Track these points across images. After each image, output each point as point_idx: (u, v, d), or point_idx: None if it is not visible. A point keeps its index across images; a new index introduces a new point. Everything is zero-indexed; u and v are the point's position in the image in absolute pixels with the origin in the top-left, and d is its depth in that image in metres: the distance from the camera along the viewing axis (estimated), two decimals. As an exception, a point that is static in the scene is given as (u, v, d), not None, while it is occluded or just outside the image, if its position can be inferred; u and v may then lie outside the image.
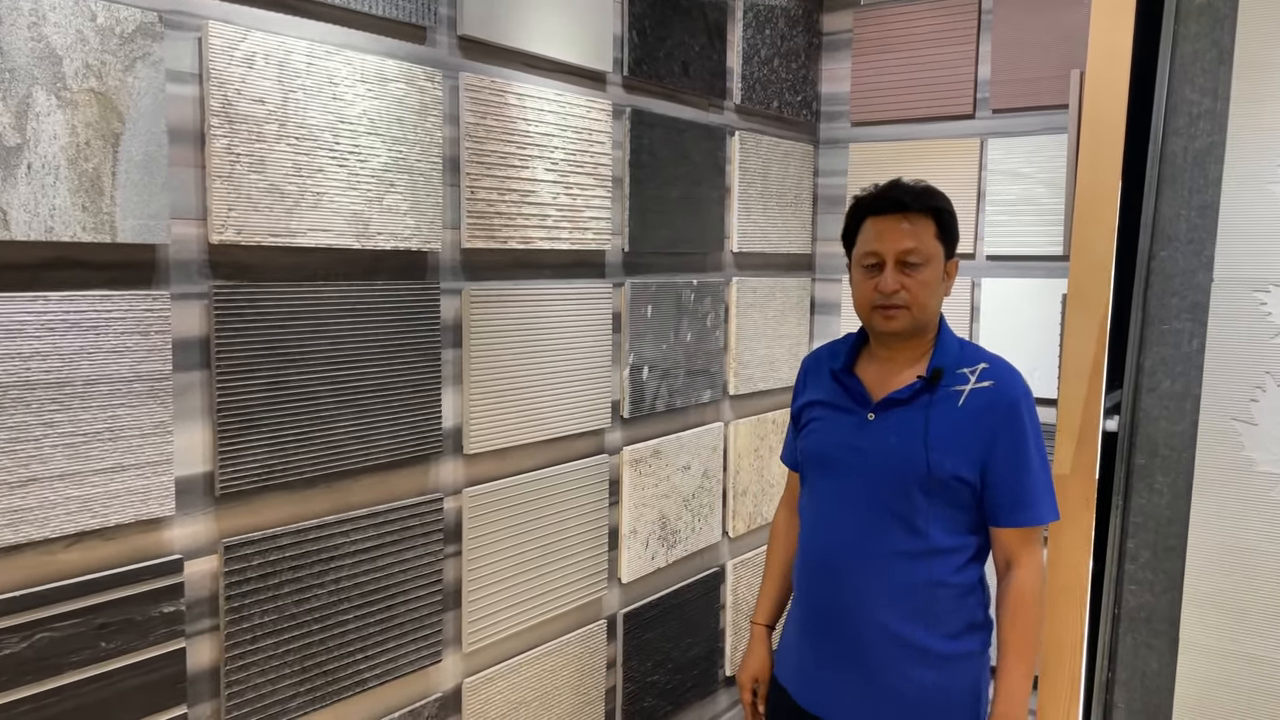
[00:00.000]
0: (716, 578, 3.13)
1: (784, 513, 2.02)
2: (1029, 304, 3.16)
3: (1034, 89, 3.15)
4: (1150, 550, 1.97)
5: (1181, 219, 1.99)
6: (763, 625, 1.99)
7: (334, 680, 1.94)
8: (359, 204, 1.91)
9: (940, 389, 1.74)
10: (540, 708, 2.45)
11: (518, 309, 2.29)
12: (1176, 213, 1.99)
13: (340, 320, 1.90)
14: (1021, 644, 1.71)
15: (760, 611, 2.01)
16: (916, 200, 1.74)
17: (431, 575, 2.12)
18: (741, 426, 3.17)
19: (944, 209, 1.77)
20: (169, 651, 1.66)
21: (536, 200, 2.31)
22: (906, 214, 1.73)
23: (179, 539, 1.69)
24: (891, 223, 1.74)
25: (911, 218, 1.73)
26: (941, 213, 1.76)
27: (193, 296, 1.68)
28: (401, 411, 2.03)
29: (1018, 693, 1.69)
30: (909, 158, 3.37)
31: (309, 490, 1.89)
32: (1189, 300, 1.96)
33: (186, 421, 1.68)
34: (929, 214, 1.74)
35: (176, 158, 1.64)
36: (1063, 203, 3.13)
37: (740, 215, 3.10)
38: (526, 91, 2.26)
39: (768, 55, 3.20)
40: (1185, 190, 1.98)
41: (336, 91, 1.85)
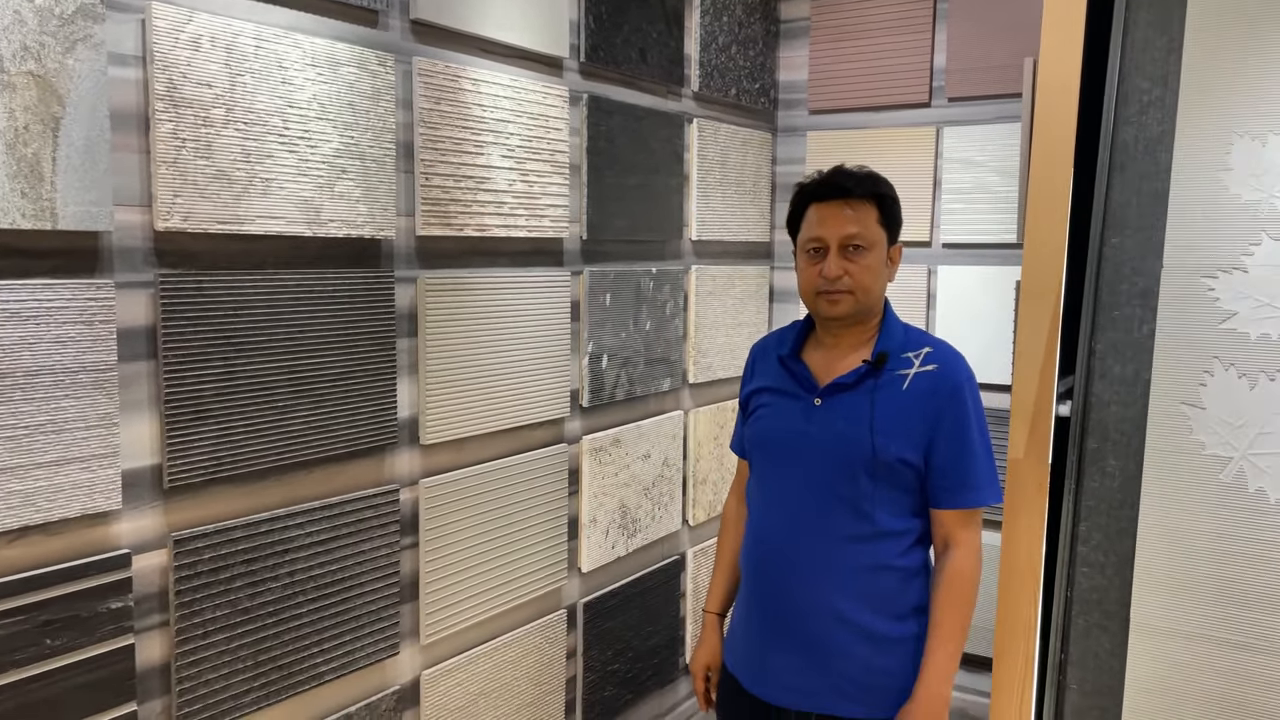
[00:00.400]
0: (677, 566, 3.13)
1: (734, 500, 2.03)
2: (984, 291, 3.20)
3: (989, 77, 3.18)
4: (1102, 533, 1.99)
5: (1132, 206, 2.01)
6: (714, 614, 2.00)
7: (289, 674, 1.91)
8: (310, 190, 1.87)
9: (885, 373, 1.76)
10: (500, 699, 2.44)
11: (474, 297, 2.26)
12: (1127, 200, 2.01)
13: (292, 309, 1.86)
14: (953, 625, 1.74)
15: (712, 599, 2.01)
16: (859, 186, 1.75)
17: (388, 567, 2.10)
18: (701, 415, 3.18)
19: (887, 195, 1.79)
20: (117, 648, 1.63)
21: (492, 187, 2.28)
22: (849, 200, 1.75)
23: (126, 533, 1.65)
24: (835, 209, 1.75)
25: (854, 204, 1.75)
26: (884, 199, 1.78)
27: (138, 285, 1.64)
28: (356, 402, 2.00)
29: (943, 672, 1.72)
30: (866, 146, 3.38)
31: (261, 482, 1.86)
32: (1139, 286, 1.99)
33: (133, 413, 1.65)
34: (871, 200, 1.76)
35: (120, 143, 1.60)
36: (1016, 191, 3.16)
37: (699, 203, 3.09)
38: (481, 77, 2.23)
39: (725, 42, 3.20)
40: (1136, 178, 2.01)
41: (286, 75, 1.82)
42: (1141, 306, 1.99)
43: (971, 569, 1.74)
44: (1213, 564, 1.88)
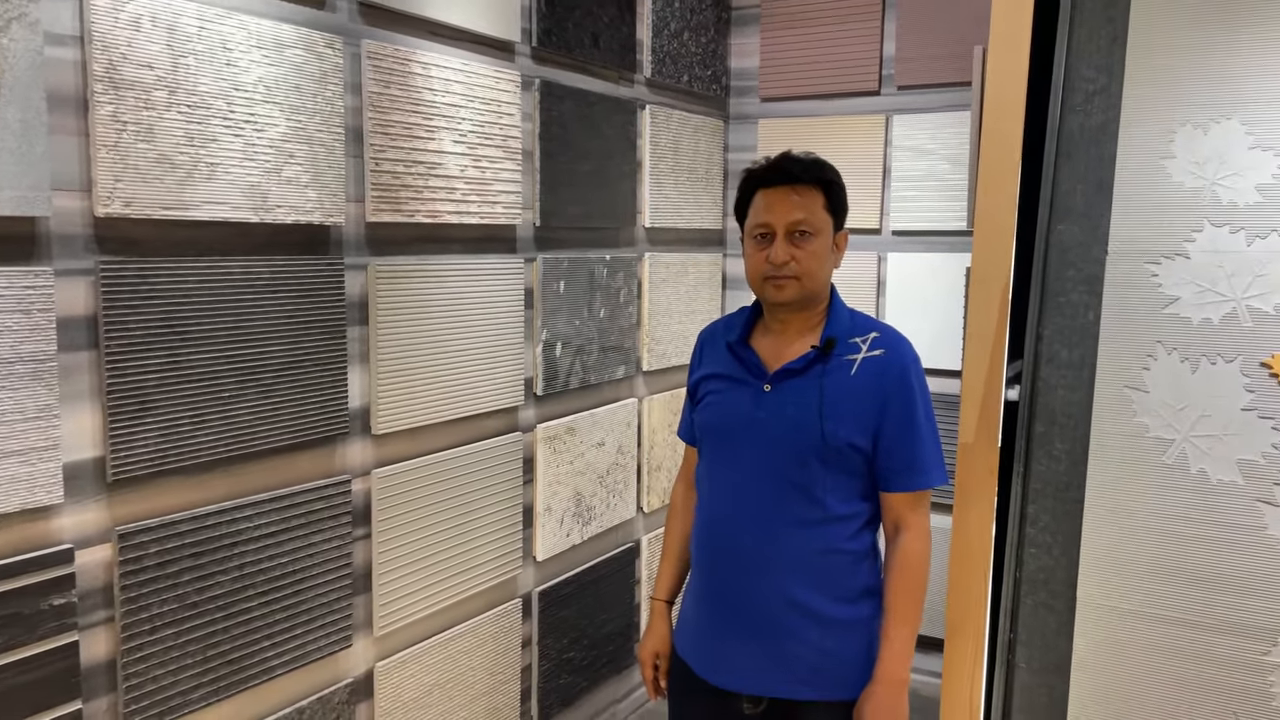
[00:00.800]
0: (631, 553, 3.14)
1: (682, 488, 2.03)
2: (934, 278, 3.23)
3: (938, 66, 3.21)
4: (1049, 514, 2.03)
5: (1078, 194, 2.04)
6: (663, 601, 2.00)
7: (239, 669, 1.88)
8: (256, 175, 1.83)
9: (833, 358, 1.77)
10: (455, 689, 2.42)
11: (426, 285, 2.24)
12: (1073, 188, 2.05)
13: (239, 297, 1.82)
14: (907, 607, 1.76)
15: (660, 587, 2.01)
16: (806, 172, 1.76)
17: (340, 559, 2.07)
18: (655, 402, 3.18)
19: (833, 181, 1.80)
20: (60, 645, 1.59)
21: (444, 173, 2.26)
22: (795, 186, 1.76)
23: (69, 528, 1.61)
24: (781, 195, 1.76)
25: (800, 190, 1.76)
26: (830, 185, 1.79)
27: (78, 273, 1.59)
28: (305, 392, 1.96)
29: (902, 653, 1.74)
30: (817, 133, 3.40)
31: (208, 474, 1.82)
32: (1085, 272, 2.02)
33: (74, 404, 1.60)
34: (818, 186, 1.77)
35: (58, 125, 1.55)
36: (965, 179, 3.20)
37: (652, 190, 3.09)
38: (432, 61, 2.20)
39: (677, 28, 3.19)
40: (1081, 166, 2.04)
41: (230, 57, 1.77)
42: (1087, 292, 2.02)
43: (922, 551, 1.77)
44: (1156, 543, 1.93)
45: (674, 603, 2.01)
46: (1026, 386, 2.06)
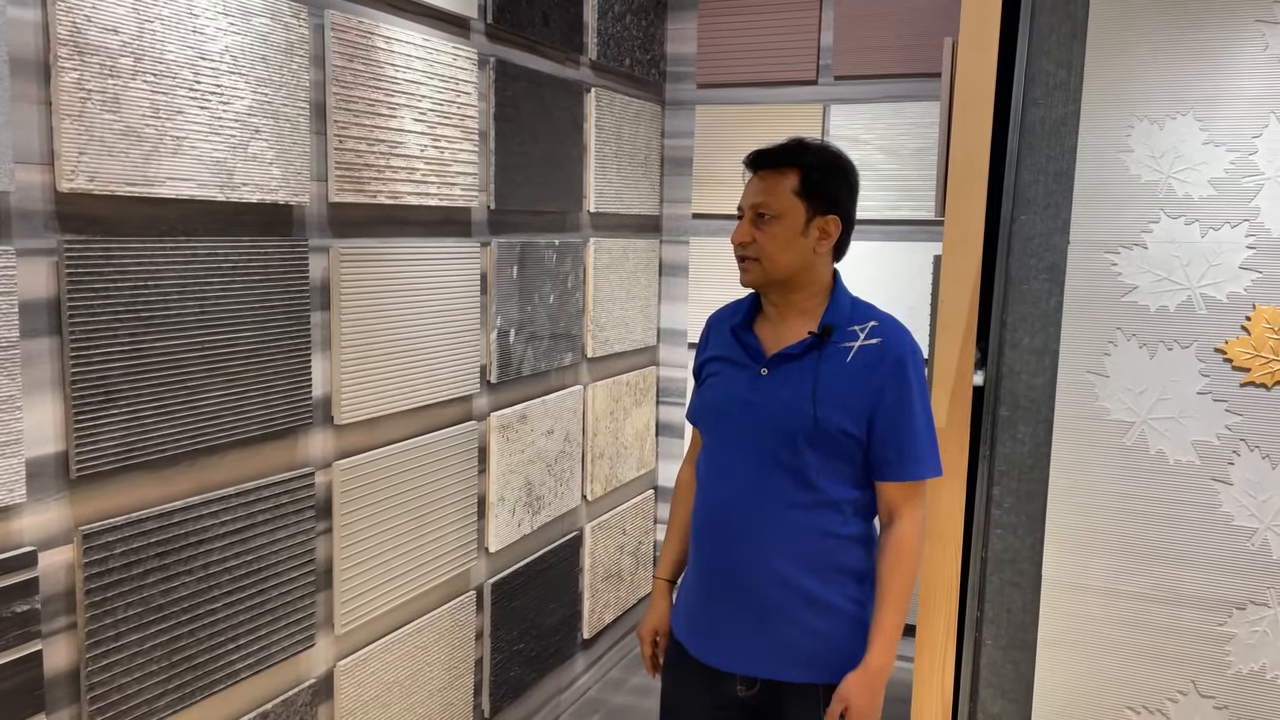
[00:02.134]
0: (576, 541, 3.11)
1: (687, 470, 2.02)
2: (872, 266, 3.29)
3: (875, 58, 3.26)
4: (1014, 496, 2.10)
5: (1039, 184, 2.11)
6: (664, 580, 1.99)
7: (204, 674, 1.77)
8: (222, 151, 1.72)
9: (830, 345, 1.78)
10: (412, 685, 2.35)
11: (388, 269, 2.15)
12: (1035, 178, 2.11)
13: (204, 280, 1.72)
14: (898, 595, 1.78)
15: (662, 566, 2.00)
16: (779, 156, 1.77)
17: (303, 555, 1.98)
18: (599, 389, 3.15)
19: (816, 165, 1.78)
20: (24, 655, 1.47)
21: (405, 152, 2.17)
22: (763, 170, 1.77)
23: (31, 528, 1.49)
24: (757, 178, 1.79)
25: (768, 174, 1.77)
26: (809, 169, 1.78)
27: (40, 253, 1.47)
28: (270, 380, 1.87)
29: (890, 641, 1.77)
30: (754, 121, 3.42)
31: (172, 469, 1.71)
32: (1047, 261, 2.09)
33: (36, 395, 1.48)
34: (796, 169, 1.77)
35: (19, 93, 1.42)
36: (900, 169, 3.27)
37: (597, 174, 3.05)
38: (394, 35, 2.11)
39: (620, 11, 3.15)
40: (1043, 157, 2.10)
41: (197, 24, 1.66)
42: (1049, 280, 2.09)
43: (915, 540, 1.79)
44: (1118, 522, 2.01)
45: (675, 582, 2.00)
46: (991, 372, 2.12)
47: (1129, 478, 2.01)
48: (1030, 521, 2.09)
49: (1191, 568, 1.97)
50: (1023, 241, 2.12)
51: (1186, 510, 1.97)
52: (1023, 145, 2.12)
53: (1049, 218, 2.10)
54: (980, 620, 2.12)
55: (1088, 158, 2.06)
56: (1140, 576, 2.00)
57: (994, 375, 2.12)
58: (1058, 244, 2.09)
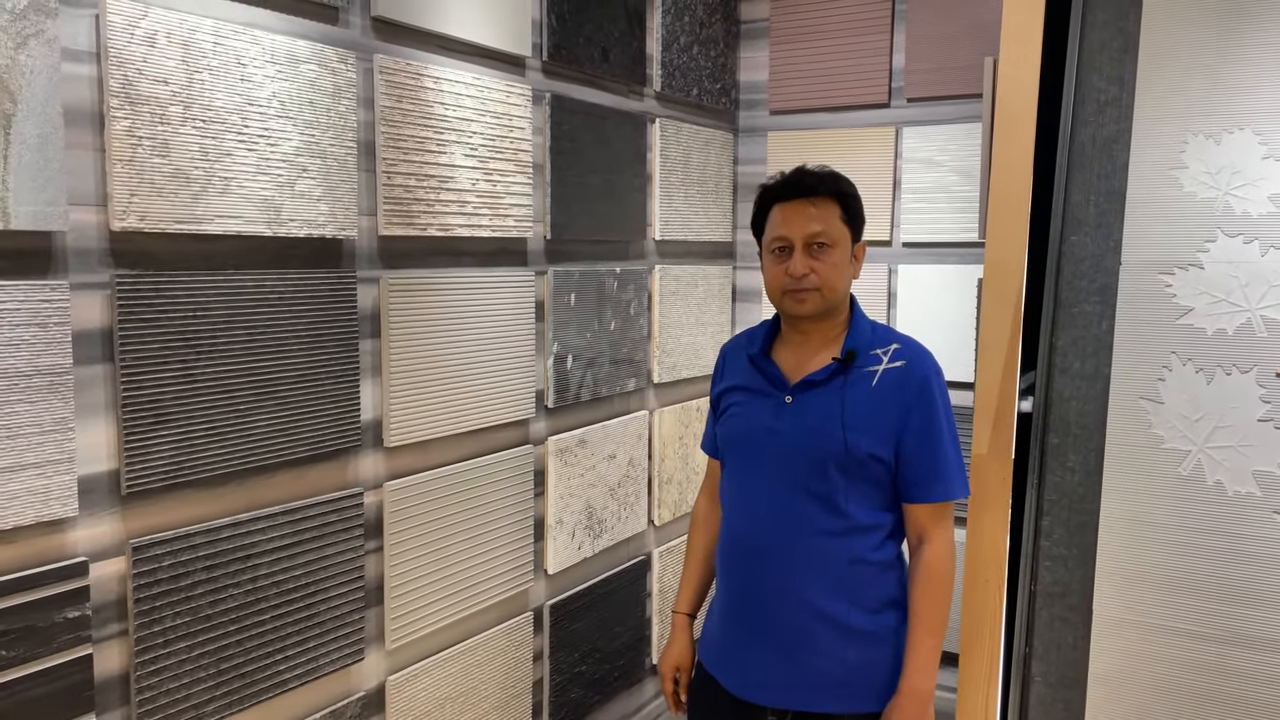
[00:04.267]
0: (642, 566, 3.13)
1: (704, 501, 2.03)
2: (944, 290, 3.23)
3: (948, 78, 3.21)
4: (1064, 527, 2.02)
5: (1090, 204, 2.04)
6: (684, 614, 2.00)
7: (252, 683, 1.87)
8: (270, 189, 1.84)
9: (854, 370, 1.77)
10: (466, 703, 2.42)
11: (438, 298, 2.24)
12: (1086, 198, 2.04)
13: (252, 310, 1.83)
14: (932, 617, 1.75)
15: (681, 600, 2.01)
16: (822, 184, 1.78)
17: (352, 572, 2.07)
18: (666, 414, 3.17)
19: (849, 193, 1.81)
20: (75, 658, 1.59)
21: (455, 186, 2.26)
22: (812, 199, 1.77)
23: (83, 540, 1.61)
24: (798, 208, 1.77)
25: (817, 202, 1.77)
26: (846, 197, 1.80)
27: (94, 286, 1.60)
28: (318, 404, 1.97)
29: (927, 665, 1.73)
30: (826, 146, 3.40)
31: (222, 487, 1.82)
32: (1098, 283, 2.02)
33: (89, 418, 1.61)
34: (834, 198, 1.78)
35: (74, 140, 1.56)
36: (974, 190, 3.20)
37: (662, 203, 3.09)
38: (444, 75, 2.21)
39: (687, 42, 3.20)
40: (1094, 176, 2.04)
41: (245, 73, 1.78)
42: (1100, 303, 2.02)
43: (946, 562, 1.76)
44: (1173, 556, 1.92)
45: (695, 616, 2.01)
46: (1040, 398, 2.05)
47: (1185, 510, 1.91)
48: (1081, 554, 2.01)
49: (1251, 606, 1.86)
50: (1073, 263, 2.05)
51: (1247, 545, 1.86)
52: (1072, 164, 2.06)
53: (1100, 238, 2.03)
54: (1029, 656, 2.05)
55: (1140, 176, 1.99)
56: (1196, 614, 1.90)
57: (1043, 401, 2.05)
58: (1109, 265, 2.02)
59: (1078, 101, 2.05)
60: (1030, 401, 2.07)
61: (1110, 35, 2.03)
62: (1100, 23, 2.04)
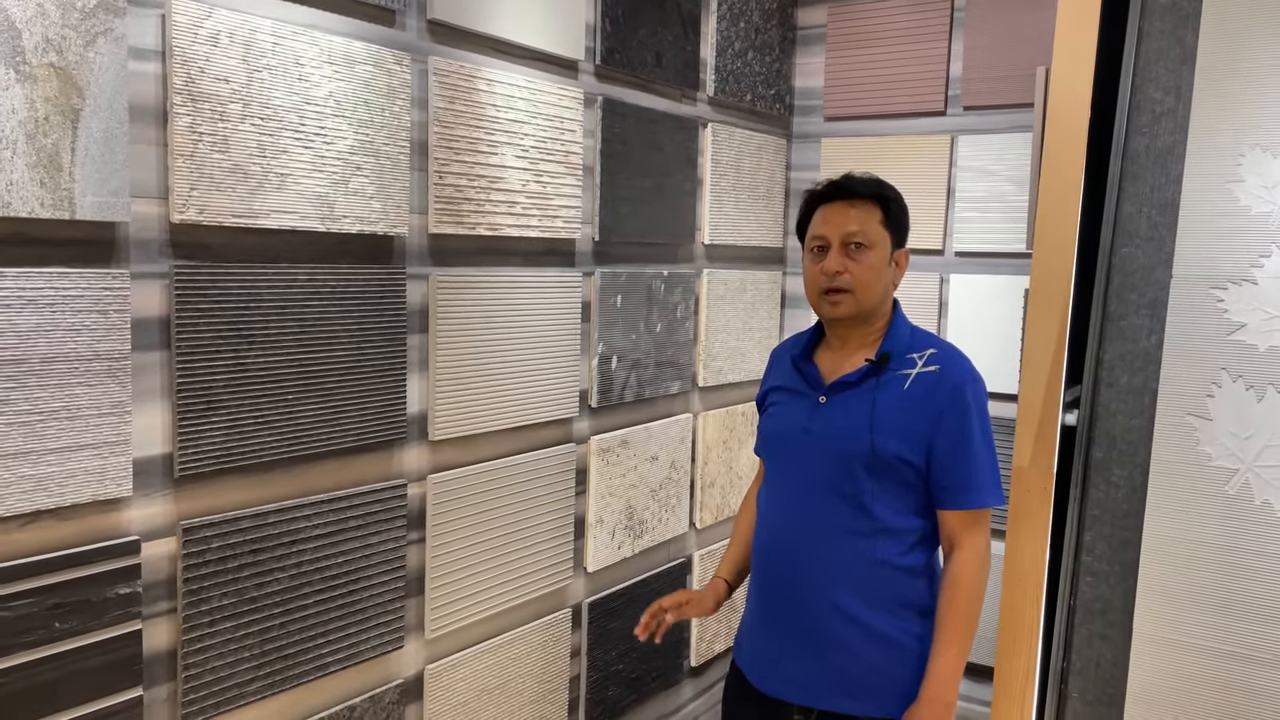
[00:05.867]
0: (683, 569, 3.14)
1: (754, 490, 2.08)
2: (996, 300, 3.19)
3: (1004, 87, 3.18)
4: (1106, 542, 1.99)
5: (1143, 216, 2.01)
6: (721, 578, 2.03)
7: (294, 664, 1.93)
8: (324, 186, 1.90)
9: (888, 373, 1.78)
10: (503, 695, 2.45)
11: (485, 296, 2.28)
12: (1138, 210, 2.01)
13: (304, 303, 1.89)
14: (956, 625, 1.74)
15: (723, 565, 2.06)
16: (863, 187, 1.81)
17: (394, 561, 2.12)
18: (710, 418, 3.18)
19: (891, 198, 1.83)
20: (125, 633, 1.65)
21: (505, 187, 2.30)
22: (852, 200, 1.80)
23: (136, 520, 1.68)
24: (838, 209, 1.80)
25: (857, 204, 1.80)
26: (888, 201, 1.82)
27: (153, 276, 1.67)
28: (365, 396, 2.02)
29: (948, 673, 1.72)
30: (881, 153, 3.39)
31: (270, 473, 1.88)
32: (1148, 296, 1.99)
33: (145, 402, 1.67)
34: (875, 201, 1.81)
35: (138, 135, 1.62)
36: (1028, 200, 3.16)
37: (712, 207, 3.11)
38: (496, 77, 2.25)
39: (742, 48, 3.21)
40: (1147, 188, 2.01)
41: (303, 72, 1.84)
42: (1150, 317, 1.98)
43: (974, 570, 1.75)
44: (1217, 575, 1.88)
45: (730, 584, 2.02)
46: (1085, 411, 2.02)
47: (1231, 529, 1.87)
48: (1123, 570, 1.97)
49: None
50: (1123, 275, 2.02)
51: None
52: (1125, 175, 2.03)
53: (1151, 251, 2.00)
54: (1066, 671, 2.02)
55: (1194, 188, 1.95)
56: (1240, 636, 1.86)
57: (1088, 415, 2.02)
58: (1160, 278, 1.98)
59: (1132, 111, 2.02)
60: (1075, 415, 2.04)
61: (1167, 45, 2.00)
62: (1157, 32, 2.01)
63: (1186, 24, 1.98)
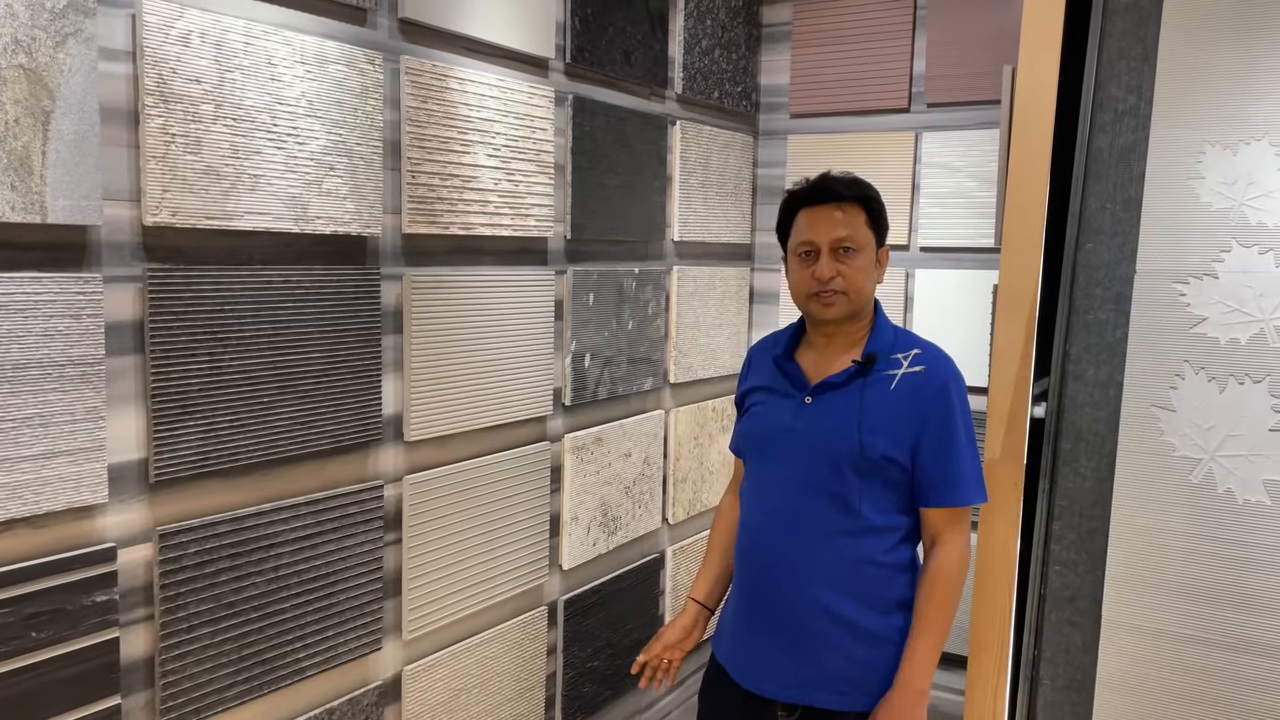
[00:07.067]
0: (656, 564, 3.16)
1: (729, 498, 2.07)
2: (960, 294, 3.24)
3: (967, 84, 3.22)
4: (1075, 532, 2.04)
5: (1106, 212, 2.05)
6: (695, 600, 2.04)
7: (272, 669, 1.92)
8: (297, 187, 1.88)
9: (874, 373, 1.80)
10: (480, 694, 2.45)
11: (459, 295, 2.28)
12: (1101, 206, 2.06)
13: (279, 305, 1.87)
14: (933, 618, 1.78)
15: (696, 587, 2.06)
16: (848, 189, 1.81)
17: (371, 563, 2.11)
18: (682, 414, 3.20)
19: (873, 198, 1.84)
20: (102, 641, 1.63)
21: (478, 186, 2.30)
22: (839, 203, 1.80)
23: (112, 527, 1.66)
24: (825, 212, 1.80)
25: (843, 207, 1.80)
26: (871, 201, 1.84)
27: (126, 279, 1.65)
28: (341, 398, 2.01)
29: (922, 664, 1.76)
30: (846, 150, 3.42)
31: (246, 477, 1.86)
32: (1113, 291, 2.03)
33: (120, 407, 1.65)
34: (859, 203, 1.82)
35: (109, 137, 1.60)
36: (993, 196, 3.21)
37: (681, 204, 3.12)
38: (468, 76, 2.25)
39: (709, 45, 3.22)
40: (1110, 185, 2.05)
41: (275, 72, 1.82)
42: (1115, 311, 2.03)
43: (955, 565, 1.78)
44: (1182, 562, 1.93)
45: (712, 609, 2.04)
46: (1053, 404, 2.07)
47: (1195, 517, 1.92)
48: (1091, 559, 2.02)
49: (1260, 613, 1.87)
50: (1088, 271, 2.07)
51: (1256, 553, 1.87)
52: (1089, 173, 2.07)
53: (1115, 247, 2.04)
54: (1037, 659, 2.06)
55: (1157, 185, 2.00)
56: (1205, 620, 1.91)
57: (1055, 408, 2.07)
58: (1124, 273, 2.03)
59: (1095, 109, 2.06)
60: (1043, 407, 2.08)
61: (1129, 44, 2.04)
62: (1119, 32, 2.05)
63: (1147, 24, 2.02)
